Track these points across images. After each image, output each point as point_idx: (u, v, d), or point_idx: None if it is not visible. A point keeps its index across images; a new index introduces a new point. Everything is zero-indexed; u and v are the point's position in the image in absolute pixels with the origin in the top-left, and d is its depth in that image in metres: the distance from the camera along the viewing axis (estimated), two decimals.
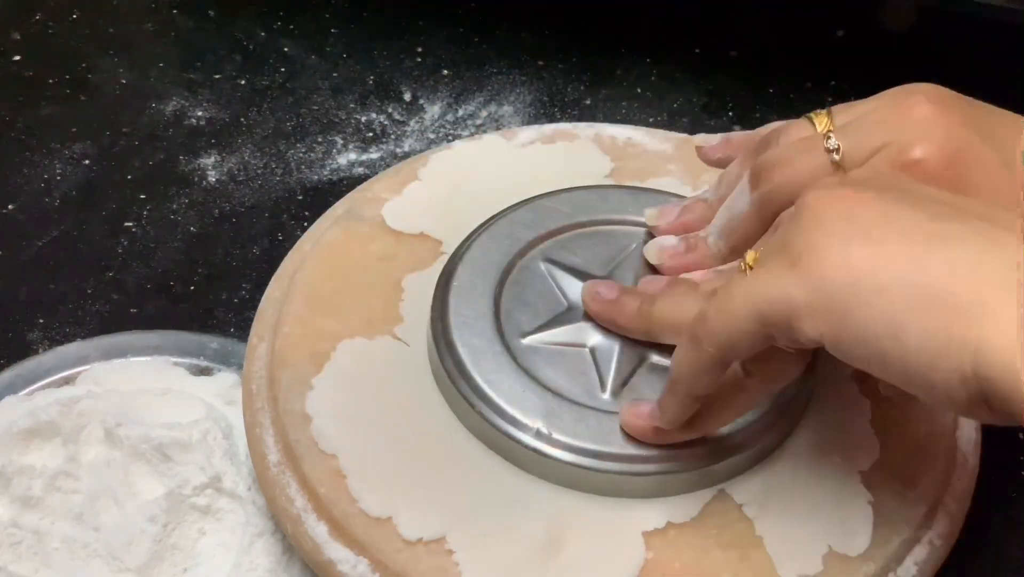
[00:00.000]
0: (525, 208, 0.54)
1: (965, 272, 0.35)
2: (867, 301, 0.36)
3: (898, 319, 0.36)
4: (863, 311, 0.36)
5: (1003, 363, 0.33)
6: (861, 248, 0.37)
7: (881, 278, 0.36)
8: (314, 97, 0.77)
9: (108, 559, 0.50)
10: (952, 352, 0.34)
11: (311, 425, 0.48)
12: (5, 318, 0.63)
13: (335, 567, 0.45)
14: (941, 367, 0.35)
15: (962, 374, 0.34)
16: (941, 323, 0.35)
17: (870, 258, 0.36)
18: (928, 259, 0.36)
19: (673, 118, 0.76)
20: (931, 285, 0.35)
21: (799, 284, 0.38)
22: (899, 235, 0.37)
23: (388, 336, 0.51)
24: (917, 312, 0.35)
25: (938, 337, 0.35)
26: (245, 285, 0.65)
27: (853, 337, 0.37)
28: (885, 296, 0.36)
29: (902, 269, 0.36)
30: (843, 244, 0.37)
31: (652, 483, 0.46)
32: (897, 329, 0.36)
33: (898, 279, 0.36)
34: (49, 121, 0.75)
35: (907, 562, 0.46)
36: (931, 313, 0.35)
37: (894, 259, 0.36)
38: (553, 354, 0.49)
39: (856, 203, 0.38)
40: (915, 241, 0.36)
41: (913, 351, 0.35)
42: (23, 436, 0.53)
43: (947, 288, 0.35)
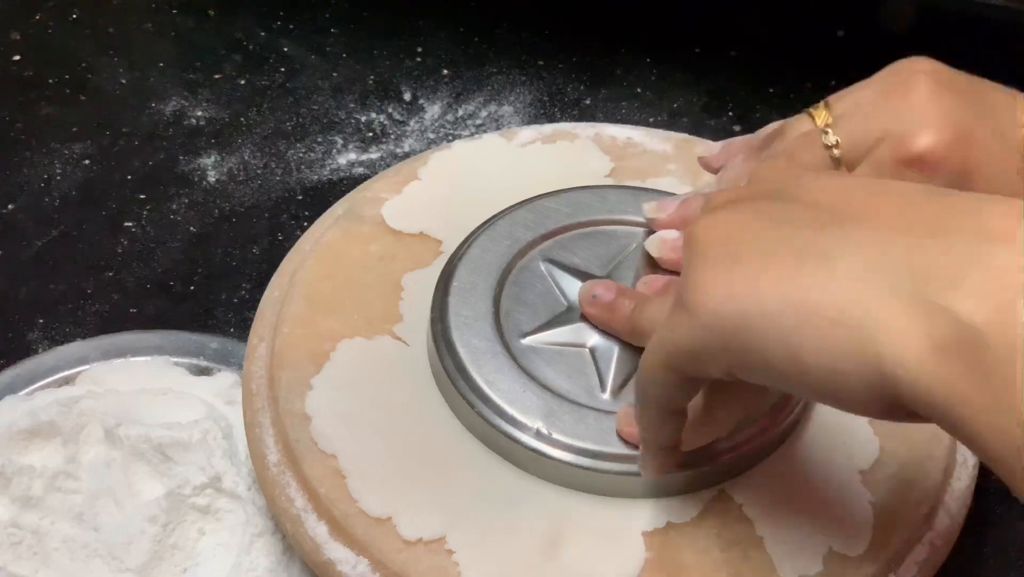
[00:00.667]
0: (525, 208, 0.54)
1: (849, 286, 0.34)
2: (758, 329, 0.35)
3: (792, 342, 0.35)
4: (756, 339, 0.35)
5: (909, 375, 0.32)
6: (742, 275, 0.36)
7: (767, 304, 0.35)
8: (314, 97, 0.77)
9: (108, 559, 0.50)
10: (852, 368, 0.34)
11: (311, 425, 0.48)
12: (5, 318, 0.63)
13: (335, 567, 0.45)
14: (845, 383, 0.34)
15: (868, 386, 0.34)
16: (838, 344, 0.34)
17: (752, 284, 0.36)
18: (811, 278, 0.35)
19: (673, 118, 0.76)
20: (817, 304, 0.34)
21: (691, 325, 0.37)
22: (780, 256, 0.36)
23: (388, 336, 0.51)
24: (808, 333, 0.34)
25: (835, 355, 0.34)
26: (245, 285, 0.65)
27: (754, 365, 0.36)
28: (774, 321, 0.35)
29: (786, 291, 0.35)
30: (724, 274, 0.36)
31: (652, 483, 0.46)
32: (793, 352, 0.35)
33: (783, 302, 0.35)
34: (49, 121, 0.75)
35: (907, 562, 0.46)
36: (822, 332, 0.34)
37: (777, 282, 0.35)
38: (553, 354, 0.49)
39: (733, 227, 0.37)
40: (796, 260, 0.35)
41: (813, 371, 0.35)
42: (23, 436, 0.53)
43: (835, 305, 0.34)
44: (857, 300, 0.34)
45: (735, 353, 0.36)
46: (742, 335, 0.36)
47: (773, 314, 0.35)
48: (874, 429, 0.49)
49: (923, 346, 0.32)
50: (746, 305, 0.36)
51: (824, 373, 0.34)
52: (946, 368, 0.32)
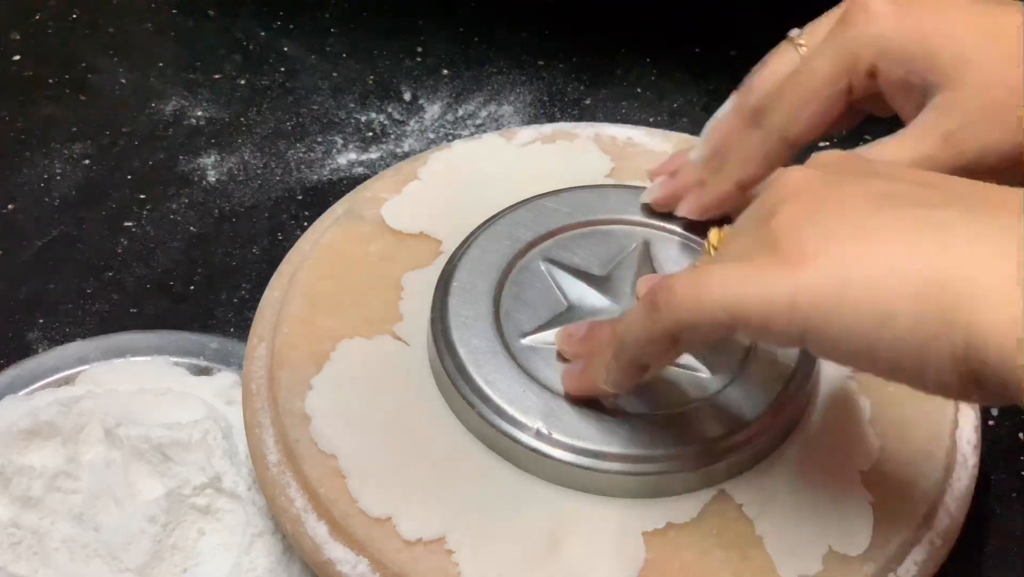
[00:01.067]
0: (525, 208, 0.54)
1: (957, 254, 0.34)
2: (857, 295, 0.35)
3: (889, 308, 0.35)
4: (851, 305, 0.35)
5: (997, 342, 0.33)
6: (854, 243, 0.36)
7: (872, 270, 0.35)
8: (314, 97, 0.77)
9: (108, 559, 0.50)
10: (944, 334, 0.34)
11: (311, 425, 0.48)
12: (5, 318, 0.63)
13: (335, 567, 0.45)
14: (933, 350, 0.34)
15: (954, 356, 0.34)
16: (933, 307, 0.34)
17: (862, 252, 0.36)
18: (920, 246, 0.35)
19: (673, 118, 0.76)
20: (923, 271, 0.35)
21: (786, 283, 0.37)
22: (890, 226, 0.36)
23: (388, 336, 0.51)
24: (908, 299, 0.35)
25: (930, 321, 0.34)
26: (245, 285, 0.65)
27: (837, 332, 0.36)
28: (876, 287, 0.35)
29: (894, 259, 0.35)
30: (837, 241, 0.36)
31: (652, 483, 0.46)
32: (887, 318, 0.35)
33: (890, 269, 0.35)
34: (49, 121, 0.75)
35: (907, 562, 0.46)
36: (923, 298, 0.34)
37: (886, 250, 0.36)
38: (553, 354, 0.49)
39: (846, 196, 0.38)
40: (906, 230, 0.36)
41: (903, 338, 0.35)
42: (23, 436, 0.53)
43: (939, 272, 0.34)
44: (962, 271, 0.34)
45: (819, 318, 0.36)
46: (838, 300, 0.36)
47: (877, 280, 0.35)
48: (874, 429, 0.49)
49: (1017, 320, 0.32)
50: (852, 271, 0.36)
51: (913, 341, 0.35)
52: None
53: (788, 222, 0.37)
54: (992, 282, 0.33)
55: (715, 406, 0.47)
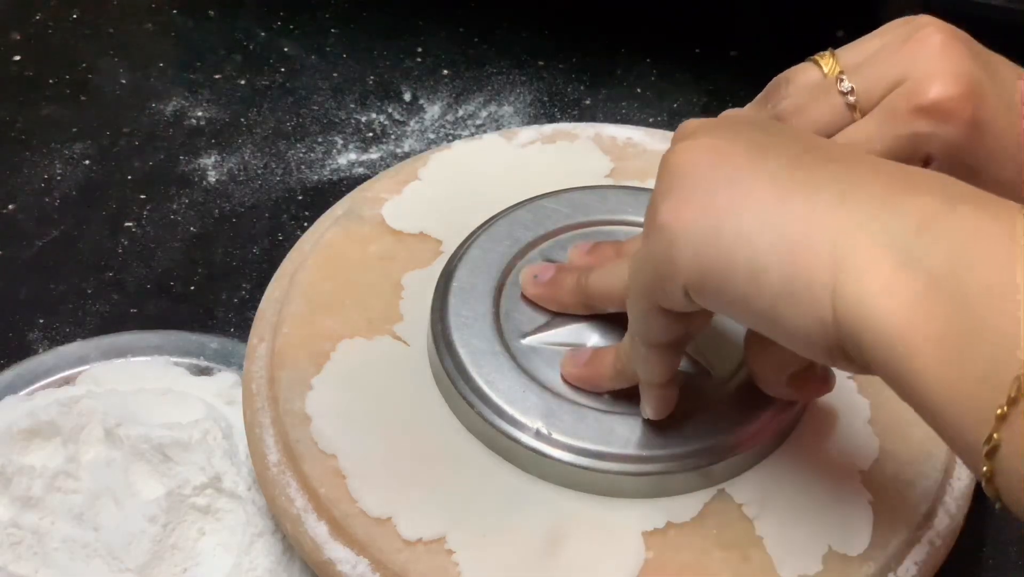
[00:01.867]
0: (525, 208, 0.54)
1: (825, 216, 0.35)
2: (729, 245, 0.36)
3: (760, 262, 0.35)
4: (725, 255, 0.36)
5: (863, 313, 0.33)
6: (726, 193, 0.37)
7: (744, 222, 0.36)
8: (314, 97, 0.77)
9: (108, 559, 0.50)
10: (811, 297, 0.34)
11: (311, 425, 0.48)
12: (5, 318, 0.63)
13: (335, 567, 0.45)
14: (801, 312, 0.35)
15: (821, 320, 0.34)
16: (801, 268, 0.35)
17: (734, 203, 0.36)
18: (790, 204, 0.36)
19: (673, 118, 0.75)
20: (791, 230, 0.35)
21: (663, 241, 0.38)
22: (764, 181, 0.37)
23: (388, 336, 0.51)
24: (778, 256, 0.35)
25: (797, 281, 0.35)
26: (245, 285, 0.65)
27: (716, 283, 0.37)
28: (748, 239, 0.36)
29: (765, 213, 0.36)
30: (703, 195, 0.37)
31: (652, 483, 0.46)
32: (759, 273, 0.36)
33: (761, 223, 0.36)
34: (49, 121, 0.75)
35: (907, 562, 0.46)
36: (791, 257, 0.35)
37: (758, 203, 0.36)
38: (553, 354, 0.49)
39: (721, 151, 0.38)
40: (779, 187, 0.36)
41: (774, 295, 0.35)
42: (23, 436, 0.53)
43: (806, 232, 0.35)
44: (828, 233, 0.34)
45: (697, 268, 0.37)
46: (710, 252, 0.37)
47: (747, 233, 0.36)
48: (874, 429, 0.49)
49: (881, 285, 0.33)
50: (722, 222, 0.36)
51: (782, 299, 0.35)
52: (901, 308, 0.32)
53: (667, 183, 0.39)
54: (855, 247, 0.34)
55: (715, 406, 0.47)
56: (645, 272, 0.39)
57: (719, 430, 0.47)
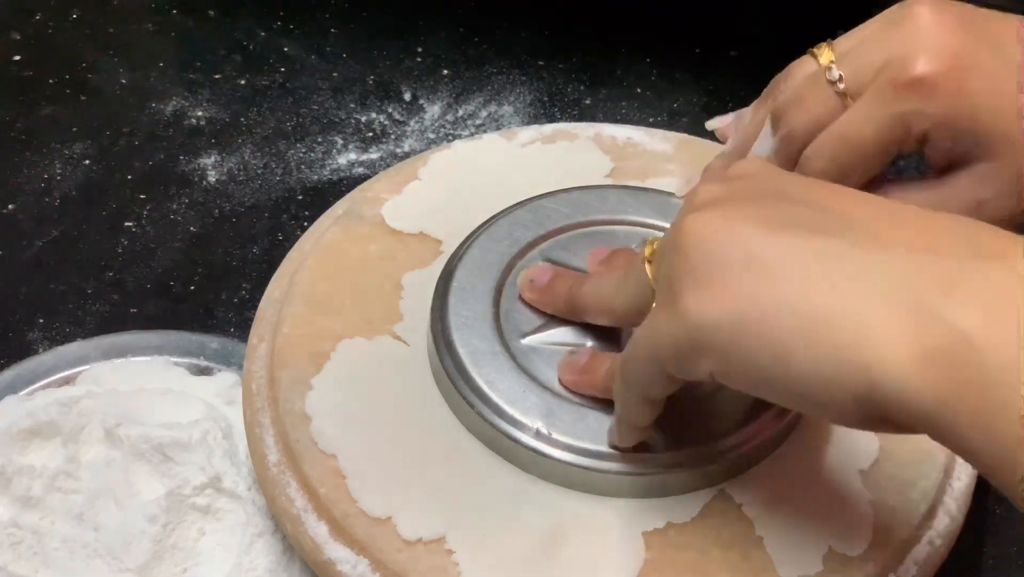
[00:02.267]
0: (525, 208, 0.54)
1: (848, 291, 0.34)
2: (753, 331, 0.35)
3: (785, 347, 0.35)
4: (749, 341, 0.35)
5: (897, 381, 0.33)
6: (745, 276, 0.36)
7: (765, 306, 0.35)
8: (314, 97, 0.77)
9: (108, 559, 0.50)
10: (843, 376, 0.34)
11: (311, 425, 0.48)
12: (5, 318, 0.63)
13: (335, 567, 0.45)
14: (832, 391, 0.34)
15: (855, 396, 0.34)
16: (829, 348, 0.34)
17: (753, 285, 0.36)
18: (810, 282, 0.35)
19: (673, 118, 0.76)
20: (815, 309, 0.34)
21: (678, 326, 0.37)
22: (783, 258, 0.36)
23: (388, 336, 0.51)
24: (804, 338, 0.34)
25: (827, 363, 0.34)
26: (245, 285, 0.65)
27: (740, 367, 0.36)
28: (770, 324, 0.35)
29: (786, 293, 0.35)
30: (719, 279, 0.36)
31: (652, 483, 0.46)
32: (785, 357, 0.35)
33: (782, 305, 0.35)
34: (49, 121, 0.75)
35: (907, 562, 0.46)
36: (818, 338, 0.34)
37: (777, 284, 0.35)
38: (553, 354, 0.49)
39: (737, 225, 0.37)
40: (797, 263, 0.35)
41: (802, 378, 0.35)
42: (23, 436, 0.53)
43: (830, 310, 0.34)
44: (852, 306, 0.34)
45: (722, 357, 0.36)
46: (733, 339, 0.36)
47: (772, 317, 0.35)
48: None
49: (913, 353, 0.32)
50: (745, 308, 0.35)
51: (811, 379, 0.35)
52: (936, 374, 0.32)
53: (680, 263, 0.37)
54: (882, 318, 0.33)
55: (715, 406, 0.47)
56: (661, 347, 0.38)
57: (719, 430, 0.47)
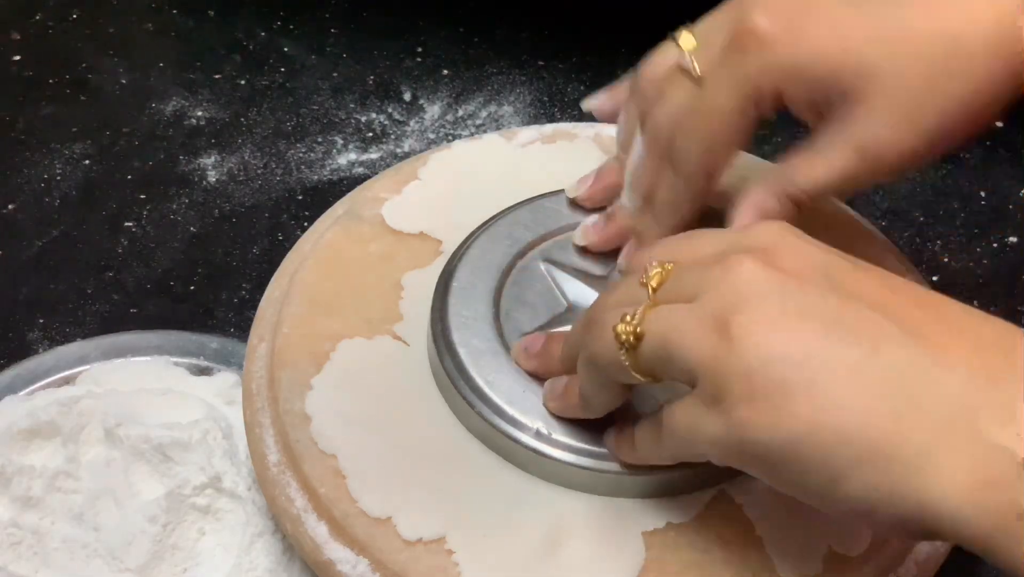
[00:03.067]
0: (525, 208, 0.54)
1: (907, 422, 0.34)
2: (807, 456, 0.35)
3: (840, 473, 0.35)
4: (801, 463, 0.36)
5: (951, 510, 0.33)
6: (801, 397, 0.35)
7: (824, 433, 0.35)
8: (314, 97, 0.77)
9: (108, 559, 0.50)
10: (894, 501, 0.34)
11: (311, 425, 0.48)
12: (5, 318, 0.63)
13: (335, 567, 0.45)
14: (882, 512, 0.35)
15: (904, 517, 0.34)
16: (884, 477, 0.34)
17: (813, 410, 0.35)
18: (872, 408, 0.34)
19: None
20: (875, 439, 0.34)
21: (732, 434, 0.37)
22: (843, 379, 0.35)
23: (388, 336, 0.51)
24: (860, 467, 0.35)
25: (880, 489, 0.34)
26: (245, 285, 0.65)
27: (788, 483, 0.37)
28: (827, 451, 0.35)
29: (846, 422, 0.35)
30: (782, 393, 0.35)
31: (652, 483, 0.46)
32: (837, 481, 0.35)
33: (842, 434, 0.35)
34: (49, 121, 0.75)
35: (907, 562, 0.46)
36: (874, 468, 0.34)
37: (838, 410, 0.35)
38: None
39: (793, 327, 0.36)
40: (860, 383, 0.35)
41: (852, 500, 0.35)
42: (23, 436, 0.53)
43: (891, 441, 0.34)
44: (912, 437, 0.34)
45: (770, 471, 0.37)
46: (785, 458, 0.36)
47: (827, 446, 0.35)
48: None
49: (970, 481, 0.33)
50: (800, 434, 0.35)
51: (861, 503, 0.35)
52: (992, 501, 0.33)
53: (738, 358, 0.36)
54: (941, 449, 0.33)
55: None
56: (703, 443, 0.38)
57: None
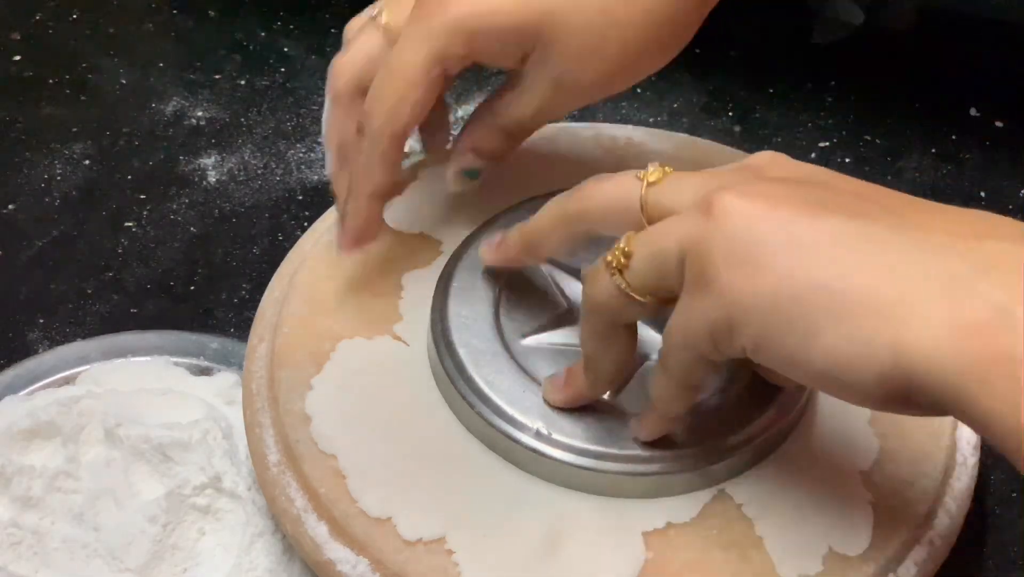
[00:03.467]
0: (525, 208, 0.54)
1: (885, 271, 0.35)
2: (786, 308, 0.36)
3: (816, 324, 0.35)
4: (781, 318, 0.36)
5: (926, 359, 0.33)
6: (786, 257, 0.36)
7: (801, 284, 0.36)
8: (314, 97, 0.77)
9: (108, 559, 0.50)
10: (870, 352, 0.34)
11: (311, 425, 0.48)
12: (5, 318, 0.63)
13: (335, 567, 0.45)
14: (858, 368, 0.35)
15: (880, 374, 0.34)
16: (860, 326, 0.34)
17: (791, 265, 0.36)
18: (851, 262, 0.35)
19: (673, 118, 0.75)
20: (850, 288, 0.35)
21: (718, 303, 0.37)
22: (823, 239, 0.36)
23: (388, 336, 0.51)
24: (835, 316, 0.35)
25: (856, 340, 0.35)
26: (245, 285, 0.65)
27: (771, 344, 0.37)
28: (804, 302, 0.35)
29: (822, 273, 0.36)
30: (768, 256, 0.36)
31: (652, 483, 0.46)
32: (814, 334, 0.35)
33: (818, 283, 0.35)
34: (49, 121, 0.75)
35: (907, 562, 0.46)
36: (850, 318, 0.35)
37: (817, 264, 0.36)
38: (553, 355, 0.49)
39: (777, 207, 0.37)
40: (839, 244, 0.36)
41: (829, 355, 0.35)
42: (23, 436, 0.53)
43: (867, 289, 0.35)
44: (888, 286, 0.34)
45: (755, 333, 0.37)
46: (767, 316, 0.36)
47: (806, 294, 0.35)
48: (874, 429, 0.49)
49: (946, 325, 0.33)
50: (781, 286, 0.36)
51: (837, 357, 0.35)
52: (967, 345, 0.32)
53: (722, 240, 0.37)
54: (917, 296, 0.34)
55: (715, 406, 0.47)
56: (697, 329, 0.39)
57: (719, 430, 0.47)
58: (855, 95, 0.75)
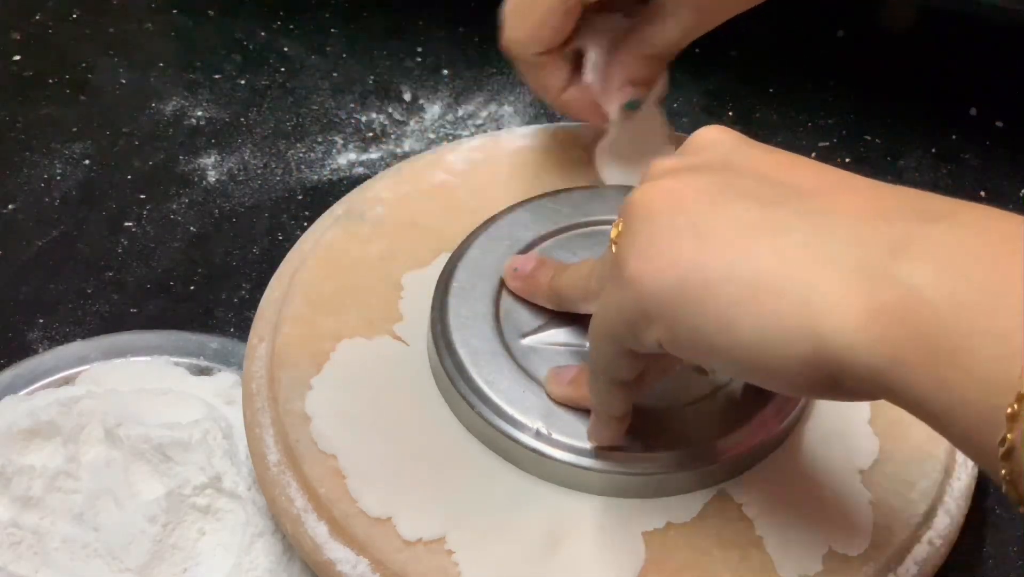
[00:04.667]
0: (525, 208, 0.54)
1: (793, 258, 0.34)
2: (695, 299, 0.36)
3: (729, 316, 0.35)
4: (692, 309, 0.36)
5: (847, 341, 0.33)
6: (690, 243, 0.36)
7: (707, 273, 0.35)
8: (314, 97, 0.77)
9: (108, 559, 0.50)
10: (789, 341, 0.34)
11: (311, 425, 0.48)
12: (5, 318, 0.63)
13: (335, 567, 0.45)
14: (778, 356, 0.34)
15: (802, 361, 0.34)
16: (773, 314, 0.34)
17: (695, 253, 0.36)
18: (756, 249, 0.35)
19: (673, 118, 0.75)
20: (759, 276, 0.34)
21: (626, 295, 0.37)
22: (727, 227, 0.36)
23: (388, 336, 0.51)
24: (747, 306, 0.35)
25: (772, 330, 0.34)
26: (245, 285, 0.65)
27: (686, 336, 0.36)
28: (713, 292, 0.35)
29: (728, 261, 0.35)
30: (666, 244, 0.36)
31: (652, 483, 0.46)
32: (728, 324, 0.35)
33: (725, 272, 0.35)
34: (49, 121, 0.75)
35: (907, 562, 0.46)
36: (762, 305, 0.34)
37: (722, 252, 0.35)
38: (553, 354, 0.49)
39: (684, 196, 0.37)
40: (744, 232, 0.36)
41: (747, 344, 0.35)
42: (23, 436, 0.53)
43: (776, 277, 0.34)
44: (797, 272, 0.34)
45: (668, 326, 0.36)
46: (679, 306, 0.36)
47: (714, 284, 0.35)
48: (874, 429, 0.49)
49: (862, 310, 0.32)
50: (688, 275, 0.36)
51: (757, 347, 0.35)
52: (887, 329, 0.32)
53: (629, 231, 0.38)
54: (829, 281, 0.33)
55: (715, 405, 0.47)
56: (613, 320, 0.39)
57: (719, 430, 0.47)
58: (855, 95, 0.75)
